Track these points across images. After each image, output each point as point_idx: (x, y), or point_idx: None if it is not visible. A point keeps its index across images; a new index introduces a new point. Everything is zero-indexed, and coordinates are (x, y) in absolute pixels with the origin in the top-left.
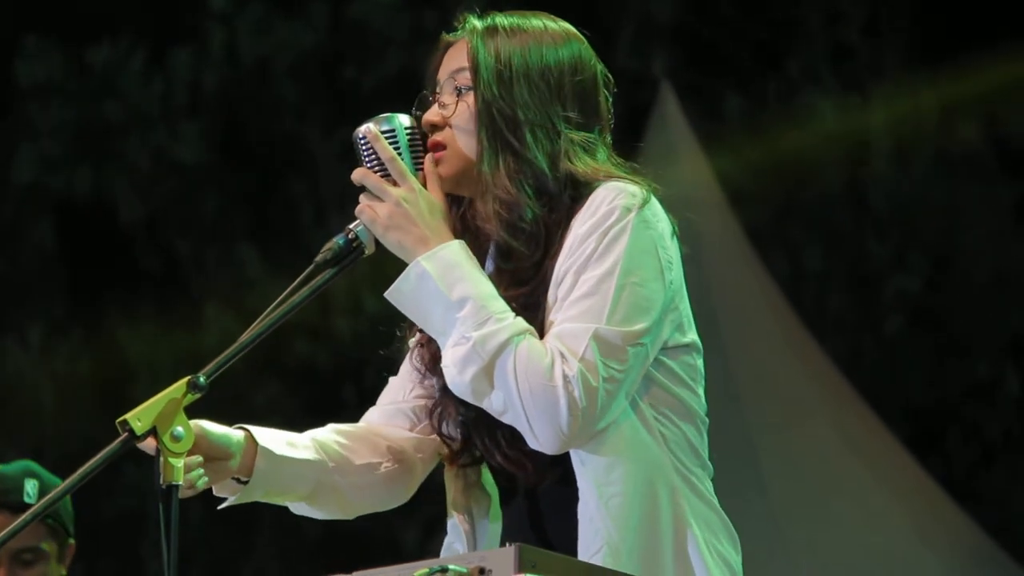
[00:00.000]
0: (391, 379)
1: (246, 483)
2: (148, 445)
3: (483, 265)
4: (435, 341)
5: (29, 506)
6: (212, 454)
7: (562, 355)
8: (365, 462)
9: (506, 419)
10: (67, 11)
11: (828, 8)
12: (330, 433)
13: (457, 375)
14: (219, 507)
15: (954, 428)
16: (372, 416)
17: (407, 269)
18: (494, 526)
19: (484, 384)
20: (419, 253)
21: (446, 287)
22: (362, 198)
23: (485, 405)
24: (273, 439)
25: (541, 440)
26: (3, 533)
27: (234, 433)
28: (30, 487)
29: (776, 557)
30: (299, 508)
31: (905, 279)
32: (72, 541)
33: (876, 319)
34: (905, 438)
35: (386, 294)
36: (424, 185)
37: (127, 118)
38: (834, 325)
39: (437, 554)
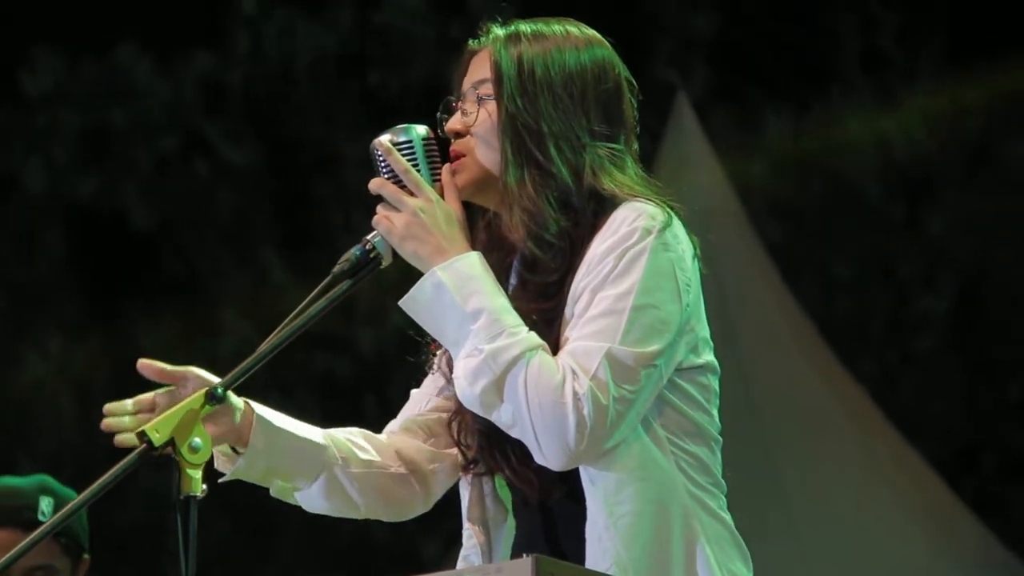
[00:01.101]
0: (413, 392)
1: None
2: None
3: (508, 279)
4: None
5: (42, 524)
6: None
7: (574, 372)
8: (375, 460)
9: (514, 433)
10: (85, 15)
11: (862, 17)
12: (344, 431)
13: (468, 387)
14: (220, 480)
15: (984, 446)
16: (391, 428)
17: (422, 279)
18: (509, 537)
19: (494, 397)
20: (435, 263)
21: (461, 298)
22: (379, 208)
23: (494, 418)
24: (273, 413)
25: (548, 456)
26: (13, 552)
27: (236, 398)
28: (44, 504)
29: (795, 570)
30: (308, 500)
31: (937, 297)
32: (87, 556)
33: (908, 337)
34: (934, 455)
35: (401, 303)
36: (441, 195)
37: (145, 122)
38: (865, 343)
39: (454, 566)
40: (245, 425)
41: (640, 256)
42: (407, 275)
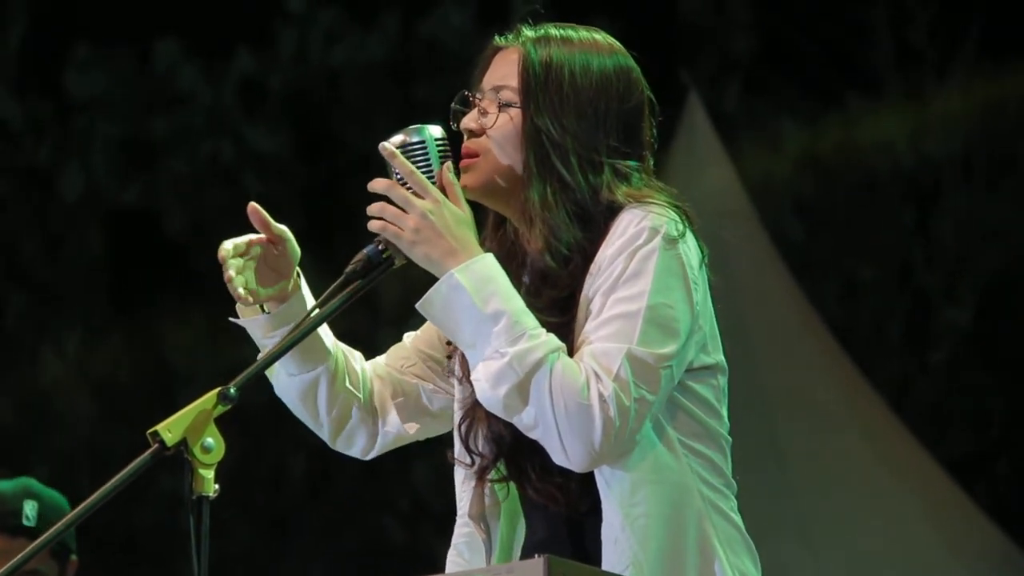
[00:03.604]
0: (406, 335)
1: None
2: None
3: (519, 289)
4: None
5: (27, 529)
6: (279, 258)
7: (596, 374)
8: (355, 392)
9: (534, 434)
10: (123, 16)
11: (895, 13)
12: (348, 350)
13: (490, 389)
14: (229, 319)
15: (1001, 451)
16: (374, 367)
17: (440, 281)
18: (505, 531)
19: (517, 400)
20: (448, 265)
21: (480, 300)
22: (374, 208)
23: (515, 420)
24: (311, 298)
25: (571, 457)
26: (18, 558)
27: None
28: (29, 509)
29: (804, 570)
30: (285, 387)
31: (957, 309)
32: (74, 558)
33: (927, 345)
34: (949, 459)
35: (417, 305)
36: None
37: (185, 125)
38: (885, 350)
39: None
40: (293, 287)
41: (650, 256)
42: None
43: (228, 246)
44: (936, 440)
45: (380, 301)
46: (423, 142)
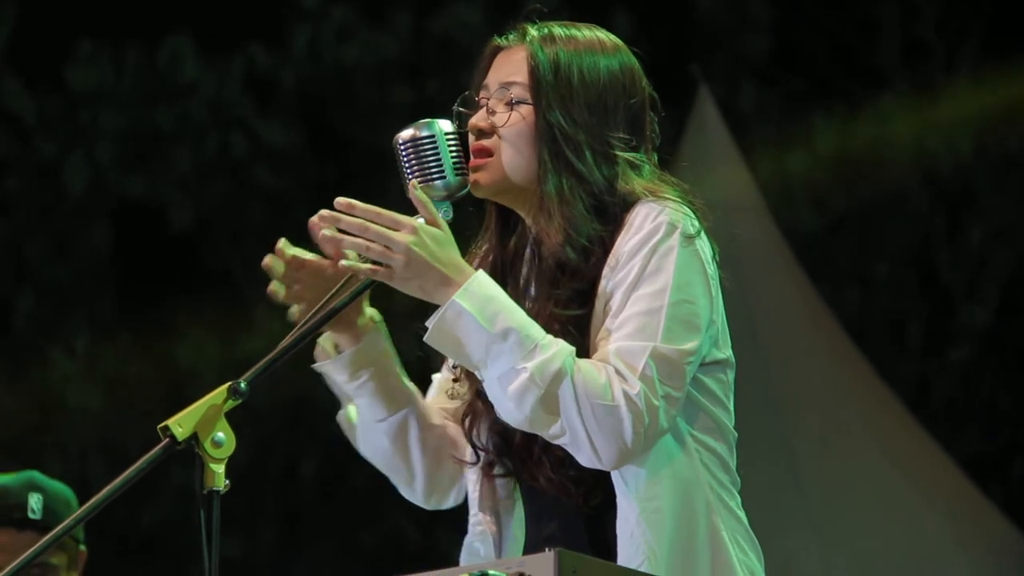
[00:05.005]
0: (435, 377)
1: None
2: None
3: (528, 278)
4: None
5: (33, 522)
6: (333, 278)
7: (620, 373)
8: (446, 425)
9: (560, 442)
10: (129, 12)
11: (904, 8)
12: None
13: (515, 408)
14: (312, 365)
15: (1017, 450)
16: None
17: (443, 309)
18: (519, 526)
19: (543, 413)
20: (445, 292)
21: (487, 321)
22: (358, 245)
23: (542, 433)
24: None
25: (603, 458)
26: (27, 555)
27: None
28: (34, 502)
29: (815, 564)
30: (370, 436)
31: (977, 307)
32: (83, 548)
33: (946, 345)
34: (964, 457)
35: (425, 338)
36: (459, 190)
37: (192, 119)
38: (903, 350)
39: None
40: (366, 326)
41: (670, 253)
42: None
43: (287, 247)
44: (952, 438)
45: (391, 296)
46: (433, 136)
